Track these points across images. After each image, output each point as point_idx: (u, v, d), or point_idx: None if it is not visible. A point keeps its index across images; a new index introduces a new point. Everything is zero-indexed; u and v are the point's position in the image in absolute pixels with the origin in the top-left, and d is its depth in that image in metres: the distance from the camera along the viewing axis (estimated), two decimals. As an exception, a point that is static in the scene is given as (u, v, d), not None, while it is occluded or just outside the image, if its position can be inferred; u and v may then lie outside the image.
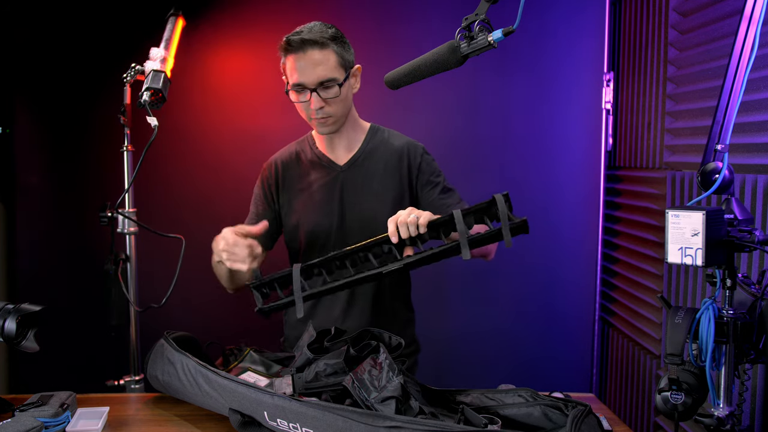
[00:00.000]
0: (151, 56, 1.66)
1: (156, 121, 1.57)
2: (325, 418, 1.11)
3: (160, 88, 1.60)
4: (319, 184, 1.60)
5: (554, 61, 2.38)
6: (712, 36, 1.70)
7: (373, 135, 1.63)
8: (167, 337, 1.43)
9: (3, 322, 1.22)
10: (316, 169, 1.62)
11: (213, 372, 1.27)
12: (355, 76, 1.55)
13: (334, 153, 1.62)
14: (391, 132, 1.66)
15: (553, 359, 2.43)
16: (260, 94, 2.37)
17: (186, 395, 1.35)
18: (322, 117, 1.49)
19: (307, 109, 1.49)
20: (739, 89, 1.00)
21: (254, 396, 1.20)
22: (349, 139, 1.61)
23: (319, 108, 1.47)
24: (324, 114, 1.49)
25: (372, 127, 1.65)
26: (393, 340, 1.34)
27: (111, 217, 1.72)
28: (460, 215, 1.23)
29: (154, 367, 1.42)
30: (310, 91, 1.45)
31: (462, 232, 1.22)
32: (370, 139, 1.62)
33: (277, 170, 1.64)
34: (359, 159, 1.60)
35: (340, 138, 1.60)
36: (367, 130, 1.64)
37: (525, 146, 2.40)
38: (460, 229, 1.22)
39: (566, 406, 1.17)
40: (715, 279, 0.99)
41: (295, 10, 2.34)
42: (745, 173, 1.47)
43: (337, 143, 1.60)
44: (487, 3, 0.99)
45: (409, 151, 1.60)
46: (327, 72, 1.45)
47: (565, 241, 2.42)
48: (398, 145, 1.61)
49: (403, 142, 1.62)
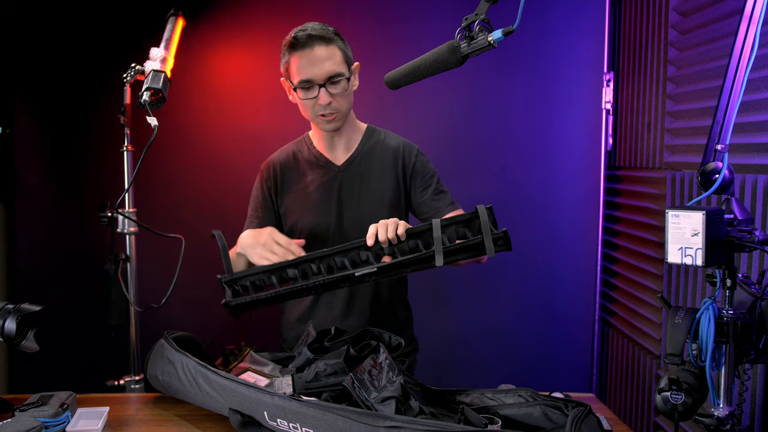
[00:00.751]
0: (151, 56, 1.66)
1: (156, 121, 1.57)
2: (325, 418, 1.11)
3: (160, 88, 1.60)
4: (317, 184, 1.61)
5: (554, 61, 2.38)
6: (712, 36, 1.70)
7: (370, 135, 1.64)
8: (167, 337, 1.43)
9: (3, 322, 1.22)
10: (314, 169, 1.62)
11: (213, 372, 1.27)
12: (355, 73, 1.56)
13: (332, 153, 1.62)
14: (387, 133, 1.67)
15: (553, 359, 2.43)
16: (260, 94, 2.37)
17: (186, 395, 1.35)
18: (329, 113, 1.50)
19: (314, 106, 1.49)
20: (739, 89, 1.00)
21: (254, 396, 1.20)
22: (348, 138, 1.61)
23: (327, 104, 1.48)
24: (331, 110, 1.50)
25: (369, 128, 1.66)
26: (393, 340, 1.34)
27: (111, 217, 1.72)
28: (438, 223, 1.24)
29: (154, 367, 1.42)
30: (318, 86, 1.46)
31: (437, 238, 1.22)
32: (367, 139, 1.63)
33: (275, 172, 1.64)
34: (356, 159, 1.61)
35: (339, 137, 1.60)
36: (363, 130, 1.65)
37: (525, 146, 2.40)
38: (436, 236, 1.23)
39: (566, 406, 1.17)
40: (715, 279, 0.99)
41: (295, 11, 2.34)
42: (745, 173, 1.47)
43: (336, 143, 1.61)
44: (487, 3, 0.99)
45: (404, 152, 1.61)
46: (335, 66, 1.46)
47: (565, 241, 2.42)
48: (394, 146, 1.62)
49: (398, 142, 1.63)
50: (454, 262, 1.24)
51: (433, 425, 1.04)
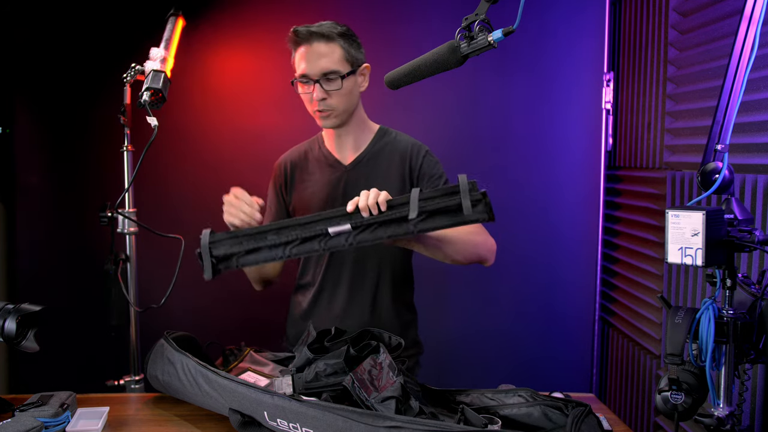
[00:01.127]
0: (151, 56, 1.66)
1: (156, 121, 1.57)
2: (325, 418, 1.11)
3: (160, 88, 1.60)
4: (323, 182, 1.61)
5: (554, 61, 2.38)
6: (712, 36, 1.70)
7: (381, 136, 1.64)
8: (167, 337, 1.43)
9: (3, 322, 1.22)
10: (322, 167, 1.63)
11: (213, 372, 1.27)
12: (363, 74, 1.57)
13: (340, 152, 1.63)
14: (399, 134, 1.66)
15: (553, 359, 2.43)
16: (260, 94, 2.37)
17: (186, 395, 1.35)
18: (324, 109, 1.51)
19: (311, 101, 1.52)
20: (739, 89, 1.00)
21: (254, 396, 1.20)
22: (356, 138, 1.62)
23: (321, 99, 1.49)
24: (326, 106, 1.51)
25: (381, 129, 1.66)
26: (393, 340, 1.34)
27: (111, 217, 1.72)
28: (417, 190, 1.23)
29: (154, 367, 1.42)
30: (313, 82, 1.48)
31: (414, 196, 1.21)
32: (377, 140, 1.63)
33: (286, 170, 1.67)
34: (364, 159, 1.61)
35: (347, 136, 1.61)
36: (375, 131, 1.65)
37: (525, 146, 2.40)
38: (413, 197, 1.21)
39: (566, 406, 1.17)
40: (715, 279, 0.99)
41: (295, 10, 2.34)
42: (745, 173, 1.47)
43: (344, 142, 1.62)
44: (487, 3, 0.99)
45: (412, 152, 1.60)
46: (330, 64, 1.48)
47: (565, 241, 2.42)
48: (403, 147, 1.62)
49: (408, 143, 1.63)
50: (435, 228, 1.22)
51: (433, 425, 1.04)
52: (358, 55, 1.54)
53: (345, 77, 1.49)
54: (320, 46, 1.48)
